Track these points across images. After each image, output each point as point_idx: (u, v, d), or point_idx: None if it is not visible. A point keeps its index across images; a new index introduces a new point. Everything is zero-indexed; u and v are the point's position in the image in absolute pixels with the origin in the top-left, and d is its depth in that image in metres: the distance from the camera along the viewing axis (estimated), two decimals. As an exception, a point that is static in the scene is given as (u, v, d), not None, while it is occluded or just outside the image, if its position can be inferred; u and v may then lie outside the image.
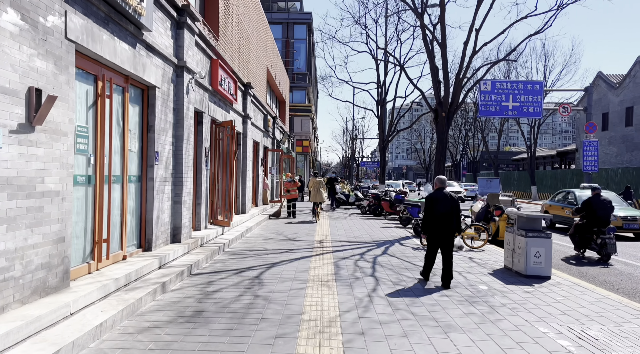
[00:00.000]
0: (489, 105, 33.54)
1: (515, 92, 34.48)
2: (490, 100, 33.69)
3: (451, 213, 7.41)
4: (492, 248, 11.88)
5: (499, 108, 33.56)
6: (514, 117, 36.68)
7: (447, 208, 7.39)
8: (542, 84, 34.75)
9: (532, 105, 33.94)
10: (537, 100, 34.12)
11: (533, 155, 41.44)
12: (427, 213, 7.55)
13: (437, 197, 7.49)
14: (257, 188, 19.87)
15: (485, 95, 33.01)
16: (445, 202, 7.42)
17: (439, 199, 7.46)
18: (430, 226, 7.49)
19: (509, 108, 33.75)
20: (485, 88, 32.95)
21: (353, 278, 7.78)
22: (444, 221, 7.40)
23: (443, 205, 7.39)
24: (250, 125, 16.73)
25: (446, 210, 7.39)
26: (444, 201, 7.43)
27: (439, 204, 7.41)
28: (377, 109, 28.49)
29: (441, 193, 7.53)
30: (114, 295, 5.49)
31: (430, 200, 7.51)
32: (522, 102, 34.37)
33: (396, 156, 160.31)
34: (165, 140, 8.32)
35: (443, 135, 14.67)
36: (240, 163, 15.73)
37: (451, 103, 14.59)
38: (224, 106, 13.00)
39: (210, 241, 10.28)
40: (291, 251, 10.34)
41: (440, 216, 7.39)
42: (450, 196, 7.51)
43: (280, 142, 27.34)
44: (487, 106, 33.34)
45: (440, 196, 7.48)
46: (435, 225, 7.44)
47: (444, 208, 7.38)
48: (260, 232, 13.77)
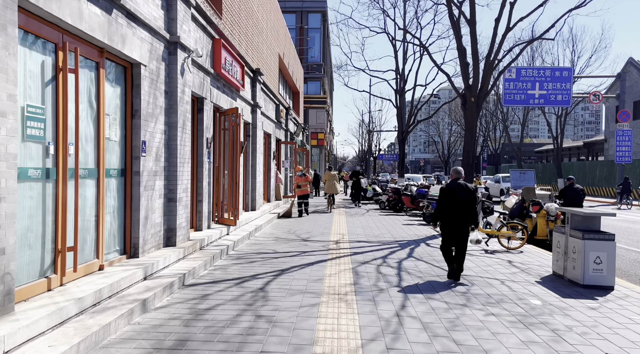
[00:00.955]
0: (514, 94, 31.87)
1: (542, 79, 32.73)
2: (515, 88, 32.02)
3: (468, 205, 7.15)
4: (532, 249, 10.49)
5: (524, 97, 31.87)
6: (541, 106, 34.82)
7: (464, 199, 7.13)
8: (572, 71, 32.87)
9: (561, 93, 32.19)
10: (566, 87, 32.35)
11: (560, 146, 39.53)
12: (440, 204, 7.29)
13: (452, 188, 7.21)
14: (269, 183, 18.68)
15: (509, 83, 31.35)
16: (461, 194, 7.16)
17: (454, 190, 7.19)
18: (445, 219, 7.25)
19: (536, 97, 32.08)
20: (509, 76, 31.26)
21: (376, 290, 6.51)
22: (460, 213, 7.14)
23: (459, 197, 7.13)
24: (260, 115, 15.51)
25: (462, 201, 7.13)
26: (460, 193, 7.16)
27: (455, 195, 7.15)
28: (396, 99, 27.05)
29: (457, 184, 7.25)
30: (74, 321, 4.31)
31: (446, 192, 7.25)
32: (550, 89, 32.64)
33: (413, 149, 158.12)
34: (155, 128, 7.13)
35: (472, 122, 13.26)
36: (249, 156, 14.53)
37: (481, 87, 13.15)
38: (230, 93, 11.79)
39: (212, 243, 9.10)
40: (303, 255, 9.10)
41: (457, 208, 7.13)
42: (466, 187, 7.23)
43: (294, 135, 26.12)
44: (511, 95, 31.69)
45: (456, 188, 7.20)
46: (450, 217, 7.19)
47: (460, 200, 7.13)
48: (271, 231, 12.57)
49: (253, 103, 14.57)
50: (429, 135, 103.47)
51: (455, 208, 7.15)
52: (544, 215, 11.82)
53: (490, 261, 8.96)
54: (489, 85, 13.25)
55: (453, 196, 7.17)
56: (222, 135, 11.13)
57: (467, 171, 13.43)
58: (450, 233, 7.27)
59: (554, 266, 7.94)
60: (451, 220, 7.21)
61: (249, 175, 14.52)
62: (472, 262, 8.77)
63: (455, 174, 7.45)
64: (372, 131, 56.58)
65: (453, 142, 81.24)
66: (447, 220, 7.25)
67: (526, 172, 15.10)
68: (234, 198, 10.63)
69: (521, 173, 15.10)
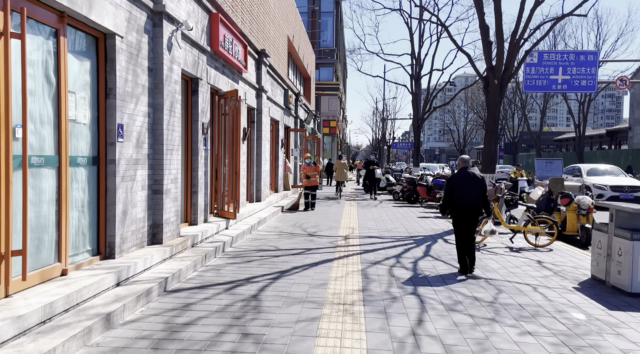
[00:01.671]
0: (535, 79, 30.30)
1: (565, 63, 31.12)
2: (537, 73, 30.47)
3: (477, 195, 6.92)
4: (562, 247, 9.46)
5: (546, 83, 30.30)
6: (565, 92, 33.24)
7: (473, 189, 6.91)
8: (597, 54, 31.27)
9: (585, 78, 30.56)
10: (591, 72, 30.67)
11: (582, 134, 37.96)
12: (448, 194, 7.05)
13: (461, 177, 6.97)
14: (277, 173, 17.79)
15: (531, 68, 29.83)
16: (470, 183, 6.92)
17: (463, 179, 6.94)
18: (454, 210, 7.00)
19: (559, 82, 30.46)
20: (531, 61, 29.77)
21: (389, 298, 5.58)
22: (469, 203, 6.88)
23: (468, 186, 6.91)
24: (265, 100, 14.56)
25: (471, 191, 6.90)
26: (469, 182, 6.92)
27: (464, 185, 6.92)
28: (411, 84, 25.86)
29: (465, 173, 7.01)
30: (8, 346, 3.46)
31: (454, 181, 7.01)
32: (574, 74, 31.04)
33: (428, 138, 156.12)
34: (137, 110, 6.23)
35: (495, 107, 12.15)
36: (254, 144, 13.62)
37: (505, 69, 12.02)
38: (230, 74, 10.85)
39: (207, 239, 8.24)
40: (308, 253, 8.20)
41: (465, 198, 6.88)
42: (474, 176, 6.97)
43: (305, 122, 25.15)
44: (533, 80, 30.12)
45: (465, 176, 6.96)
46: (459, 207, 6.93)
47: (469, 189, 6.90)
48: (276, 224, 11.68)
49: (258, 87, 13.62)
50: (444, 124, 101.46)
51: (463, 198, 6.89)
52: (574, 208, 10.75)
53: (517, 261, 7.96)
54: (513, 66, 12.10)
55: (460, 185, 6.94)
56: (222, 120, 10.22)
57: (489, 159, 12.37)
58: (459, 224, 7.02)
59: (593, 270, 6.92)
60: (459, 211, 6.96)
61: (254, 164, 13.62)
62: (497, 262, 7.78)
63: (462, 163, 7.23)
64: (386, 119, 55.29)
65: (469, 131, 79.47)
66: (456, 210, 6.99)
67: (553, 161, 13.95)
68: (235, 189, 9.74)
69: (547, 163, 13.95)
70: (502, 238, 10.26)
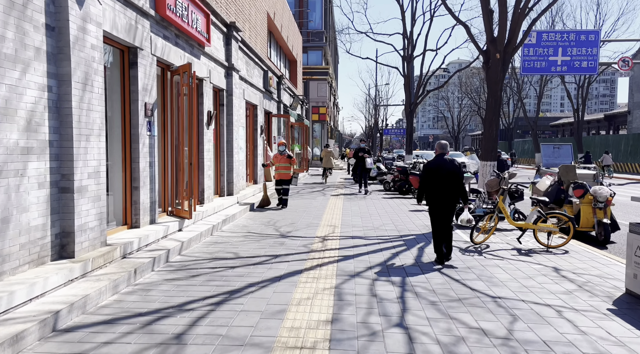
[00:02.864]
0: (534, 61, 28.75)
1: (565, 44, 29.56)
2: (535, 54, 28.88)
3: (453, 182, 6.70)
4: (577, 247, 8.00)
5: (545, 64, 28.76)
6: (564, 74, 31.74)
7: (450, 176, 6.69)
8: (598, 34, 29.70)
9: (586, 59, 29.09)
10: (592, 52, 29.17)
11: (581, 119, 36.54)
12: (424, 181, 6.87)
13: (437, 164, 6.77)
14: (256, 162, 16.20)
15: (529, 49, 28.25)
16: (447, 169, 6.70)
17: (439, 166, 6.74)
18: (430, 197, 6.83)
19: (558, 64, 28.96)
20: (529, 41, 28.19)
21: (366, 336, 4.06)
22: (445, 190, 6.71)
23: (445, 173, 6.69)
24: (238, 81, 12.93)
25: (447, 178, 6.69)
26: (446, 168, 6.70)
27: (440, 172, 6.71)
28: (403, 66, 24.22)
29: (442, 160, 6.82)
30: None
31: (430, 168, 6.82)
32: (574, 55, 29.50)
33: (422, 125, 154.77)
34: (25, 81, 4.62)
35: (497, 84, 10.60)
36: (223, 130, 12.01)
37: (509, 41, 10.45)
38: (187, 47, 9.21)
39: (147, 246, 6.68)
40: (274, 261, 6.66)
41: (441, 185, 6.70)
42: (452, 162, 6.78)
43: (290, 108, 23.51)
44: (531, 62, 28.58)
45: (441, 163, 6.77)
46: (435, 195, 6.76)
47: (446, 176, 6.68)
48: (246, 222, 10.13)
49: (227, 65, 11.98)
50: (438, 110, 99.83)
51: (439, 185, 6.70)
52: (589, 200, 9.28)
53: (530, 269, 6.47)
54: (518, 38, 10.53)
55: (437, 172, 6.71)
56: (177, 101, 8.60)
57: (490, 145, 10.86)
58: (435, 211, 6.81)
59: (628, 282, 5.45)
60: (436, 198, 6.76)
61: (224, 153, 12.03)
62: (505, 271, 6.29)
63: (439, 149, 6.98)
64: (378, 105, 53.66)
65: (463, 117, 77.99)
66: (432, 198, 6.79)
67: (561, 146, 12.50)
68: (191, 182, 8.15)
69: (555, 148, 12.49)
70: (506, 237, 8.79)
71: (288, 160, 12.31)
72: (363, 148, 17.37)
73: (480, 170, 11.05)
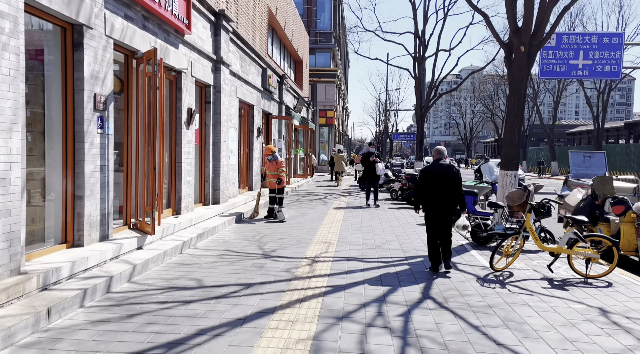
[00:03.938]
0: (553, 65, 27.14)
1: (587, 47, 27.88)
2: (554, 57, 27.25)
3: (450, 188, 6.46)
4: (622, 277, 6.54)
5: (565, 68, 27.16)
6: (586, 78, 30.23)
7: (446, 181, 6.44)
8: (622, 36, 28.08)
9: (609, 63, 27.38)
10: (615, 56, 27.52)
11: (601, 126, 34.79)
12: (421, 187, 6.59)
13: (435, 170, 6.52)
14: (251, 167, 14.88)
15: (547, 52, 26.62)
16: (444, 175, 6.46)
17: (437, 172, 6.50)
18: (427, 204, 6.58)
19: (579, 68, 27.33)
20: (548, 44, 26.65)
21: None
22: (443, 197, 6.47)
23: (442, 179, 6.45)
24: (229, 77, 11.64)
25: (445, 183, 6.45)
26: (443, 174, 6.46)
27: (438, 177, 6.46)
28: (414, 67, 22.83)
29: (439, 165, 6.57)
30: None
31: (427, 173, 6.56)
32: (596, 59, 27.79)
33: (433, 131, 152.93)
34: None
35: (521, 82, 9.17)
36: (209, 130, 10.70)
37: (535, 32, 9.03)
38: (161, 33, 7.93)
39: (84, 272, 5.34)
40: (243, 292, 5.29)
41: (439, 191, 6.45)
42: (449, 167, 6.52)
43: (294, 110, 22.21)
44: (550, 65, 26.98)
45: (439, 169, 6.52)
46: (432, 201, 6.52)
47: (442, 182, 6.44)
48: (227, 237, 8.78)
49: (215, 59, 10.69)
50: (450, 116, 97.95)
51: (437, 191, 6.51)
52: (632, 219, 7.79)
53: (570, 311, 5.03)
54: (545, 28, 9.11)
55: (434, 178, 6.52)
56: (150, 95, 7.28)
57: (511, 153, 9.43)
58: (432, 219, 6.60)
59: None
60: (433, 205, 6.56)
61: (209, 156, 10.71)
62: (538, 314, 4.85)
63: (437, 154, 6.80)
64: (389, 110, 52.24)
65: (476, 123, 76.20)
66: (429, 204, 6.59)
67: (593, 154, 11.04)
68: (152, 191, 6.82)
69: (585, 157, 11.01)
70: (532, 261, 7.36)
71: (275, 167, 10.87)
72: (372, 153, 15.27)
73: (500, 181, 9.61)
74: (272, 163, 10.85)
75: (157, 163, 6.80)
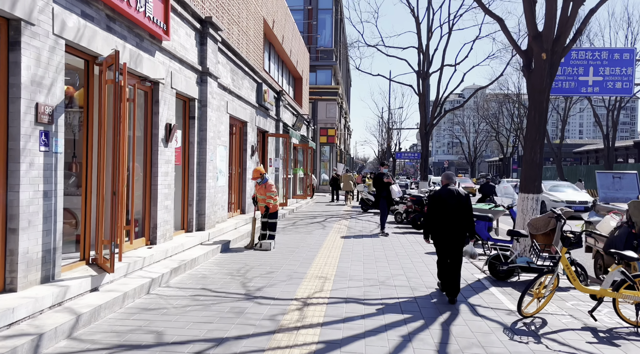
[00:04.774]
0: (562, 81, 25.96)
1: (597, 63, 26.74)
2: (563, 73, 26.06)
3: (460, 214, 6.20)
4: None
5: (575, 85, 25.99)
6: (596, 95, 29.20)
7: (456, 207, 6.21)
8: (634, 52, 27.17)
9: (620, 79, 26.28)
10: (627, 72, 26.16)
11: (612, 145, 33.72)
12: (430, 213, 6.39)
13: (442, 195, 6.31)
14: (244, 188, 13.79)
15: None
16: (453, 201, 6.24)
17: (445, 197, 6.28)
18: (437, 230, 6.31)
19: (589, 84, 26.11)
20: (556, 60, 25.71)
21: None
22: (452, 223, 6.19)
23: (450, 205, 6.22)
24: (218, 90, 10.64)
25: (454, 210, 6.21)
26: (452, 200, 6.24)
27: (446, 203, 6.24)
28: (418, 83, 21.89)
29: (448, 191, 6.35)
30: None
31: (435, 199, 6.37)
32: (607, 75, 26.61)
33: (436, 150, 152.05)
34: None
35: (543, 93, 8.13)
36: (193, 148, 9.64)
37: (558, 37, 8.02)
38: (132, 37, 6.93)
39: (8, 327, 4.20)
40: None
41: (448, 217, 6.20)
42: (458, 193, 6.31)
43: (293, 127, 21.22)
44: (558, 82, 25.75)
45: (447, 194, 6.30)
46: (441, 227, 6.25)
47: (451, 208, 6.21)
48: (208, 270, 7.62)
49: (201, 70, 9.69)
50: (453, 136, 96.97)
51: (446, 217, 6.21)
52: (680, 252, 6.63)
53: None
54: (570, 29, 8.09)
55: (443, 203, 6.25)
56: (106, 106, 6.23)
57: (533, 173, 8.32)
58: (442, 246, 6.33)
59: None
60: (442, 231, 6.26)
61: (193, 177, 9.63)
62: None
63: (445, 179, 6.55)
64: (391, 128, 51.32)
65: (480, 143, 75.24)
66: (438, 231, 6.29)
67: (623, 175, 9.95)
68: (111, 219, 5.70)
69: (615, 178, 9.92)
70: (565, 302, 6.19)
71: (264, 191, 9.74)
72: (384, 174, 13.07)
73: (520, 205, 8.48)
74: (261, 187, 9.75)
75: (118, 187, 5.70)
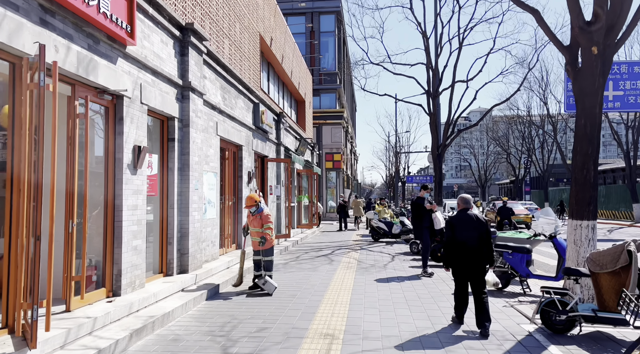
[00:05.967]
0: (580, 96, 24.93)
1: (616, 77, 25.32)
2: (581, 88, 25.02)
3: (479, 240, 5.96)
4: None
5: (594, 100, 24.91)
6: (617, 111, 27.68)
7: (474, 233, 5.99)
8: (655, 64, 25.72)
9: (642, 94, 25.12)
10: (649, 87, 25.26)
11: (633, 163, 31.92)
12: (449, 240, 6.14)
13: (461, 220, 6.10)
14: (239, 220, 12.25)
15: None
16: (471, 226, 6.02)
17: (463, 222, 6.07)
18: (455, 257, 6.05)
19: (609, 100, 24.70)
20: (572, 74, 24.27)
21: None
22: (471, 249, 5.94)
23: (468, 230, 6.00)
24: (203, 108, 9.23)
25: (473, 235, 5.97)
26: (470, 225, 6.03)
27: (464, 228, 6.03)
28: (428, 103, 20.48)
29: (466, 215, 6.13)
30: None
31: (453, 224, 6.14)
32: (627, 90, 25.17)
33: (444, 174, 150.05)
34: None
35: (595, 96, 6.60)
36: (174, 176, 8.15)
37: (611, 27, 6.53)
38: (82, 39, 5.54)
39: None
40: None
41: (466, 243, 5.97)
42: (477, 218, 6.10)
43: (297, 152, 19.79)
44: (576, 98, 24.78)
45: (465, 219, 6.09)
46: (460, 254, 6.00)
47: (470, 233, 5.99)
48: (181, 330, 6.00)
49: (182, 84, 8.30)
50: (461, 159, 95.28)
51: (466, 244, 5.94)
52: None
53: None
54: (625, 19, 6.61)
55: (462, 228, 6.02)
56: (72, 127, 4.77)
57: (586, 195, 6.71)
58: (461, 274, 6.06)
59: None
60: (462, 258, 5.98)
61: (173, 210, 8.10)
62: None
63: (463, 203, 6.31)
64: (399, 152, 49.88)
65: (490, 165, 73.51)
66: (457, 258, 6.01)
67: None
68: (32, 276, 4.17)
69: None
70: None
71: (259, 223, 8.18)
72: (424, 199, 10.81)
73: (571, 235, 6.85)
74: (256, 217, 8.21)
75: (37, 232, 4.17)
